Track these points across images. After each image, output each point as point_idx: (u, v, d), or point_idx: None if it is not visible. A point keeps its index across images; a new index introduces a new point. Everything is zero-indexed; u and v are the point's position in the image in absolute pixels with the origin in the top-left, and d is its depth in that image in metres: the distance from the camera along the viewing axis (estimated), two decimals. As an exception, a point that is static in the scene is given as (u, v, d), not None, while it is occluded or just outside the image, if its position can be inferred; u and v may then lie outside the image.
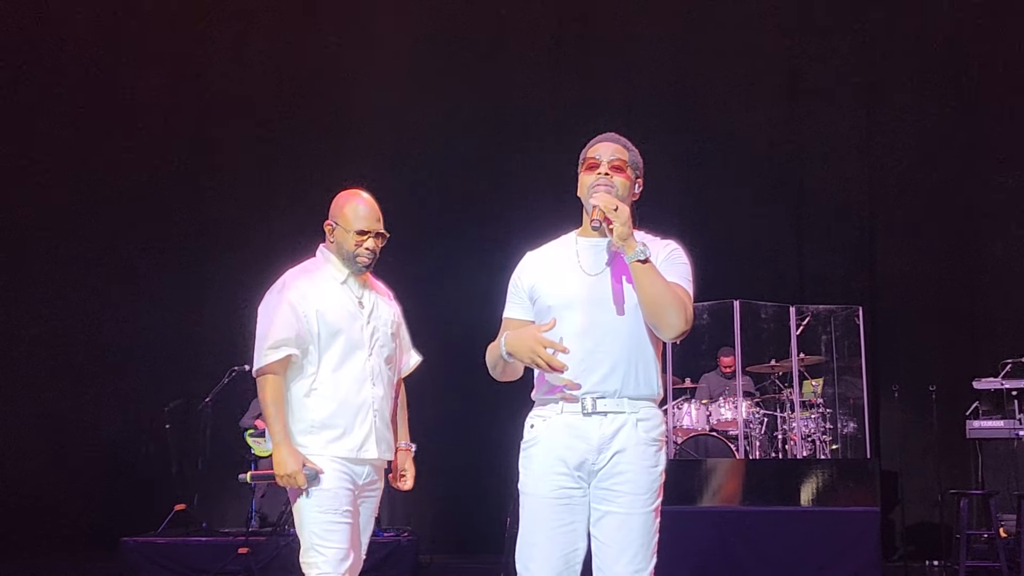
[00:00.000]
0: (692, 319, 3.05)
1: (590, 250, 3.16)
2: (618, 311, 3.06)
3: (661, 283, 3.00)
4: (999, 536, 7.34)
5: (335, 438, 3.71)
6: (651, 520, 3.06)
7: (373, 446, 3.77)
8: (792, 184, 11.01)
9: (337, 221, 3.86)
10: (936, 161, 10.47)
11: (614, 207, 3.01)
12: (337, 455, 3.70)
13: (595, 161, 3.17)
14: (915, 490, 9.74)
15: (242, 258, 11.14)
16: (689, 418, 9.61)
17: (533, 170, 10.69)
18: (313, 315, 3.74)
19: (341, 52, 11.40)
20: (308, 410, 3.72)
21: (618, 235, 2.99)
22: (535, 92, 11.20)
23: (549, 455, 3.07)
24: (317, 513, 3.64)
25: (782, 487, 8.39)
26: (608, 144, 3.22)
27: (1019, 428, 8.35)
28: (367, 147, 11.04)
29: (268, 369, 3.72)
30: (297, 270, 3.93)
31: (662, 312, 2.99)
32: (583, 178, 3.18)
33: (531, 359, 2.96)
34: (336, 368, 3.74)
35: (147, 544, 8.61)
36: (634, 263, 2.99)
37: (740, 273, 10.68)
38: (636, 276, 3.00)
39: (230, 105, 11.45)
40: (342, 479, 3.70)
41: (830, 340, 9.97)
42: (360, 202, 3.88)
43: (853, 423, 9.76)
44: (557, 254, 3.22)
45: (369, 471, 3.82)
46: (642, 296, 3.00)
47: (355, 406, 3.73)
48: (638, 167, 3.25)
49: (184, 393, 9.93)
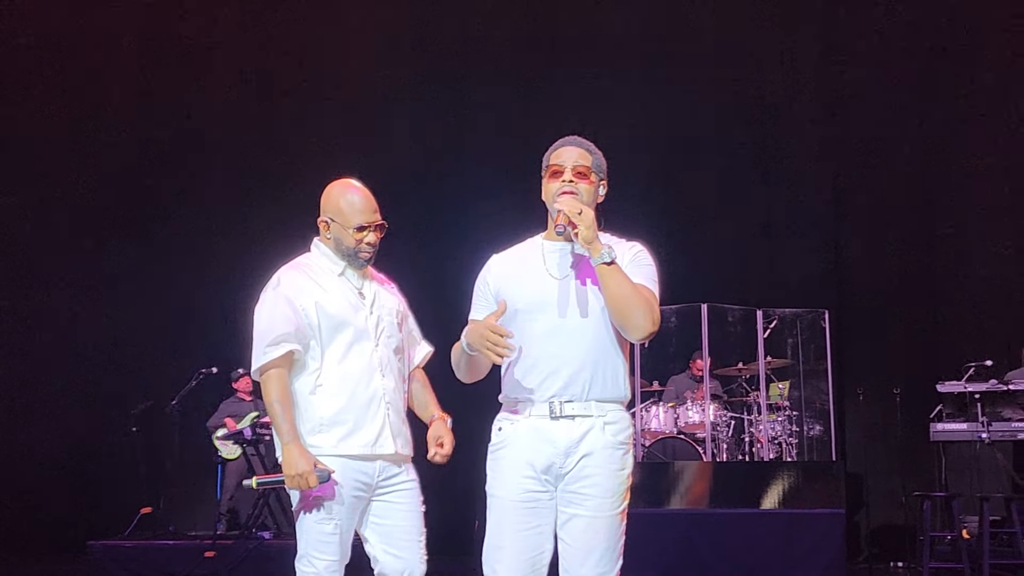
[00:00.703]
0: (659, 320, 3.07)
1: (556, 254, 3.17)
2: (585, 314, 3.08)
3: (627, 285, 3.02)
4: (962, 537, 7.42)
5: (346, 435, 3.53)
6: (617, 523, 3.08)
7: (389, 440, 3.58)
8: (759, 188, 11.09)
9: (333, 217, 3.66)
10: (901, 167, 10.58)
11: (578, 211, 3.02)
12: (350, 453, 3.52)
13: (559, 168, 3.17)
14: (880, 492, 9.82)
15: (209, 261, 11.12)
16: (657, 421, 9.66)
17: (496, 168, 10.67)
18: (312, 307, 3.57)
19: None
20: (315, 407, 3.55)
21: (583, 238, 3.01)
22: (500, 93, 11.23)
23: (517, 458, 3.08)
24: (312, 522, 3.52)
25: (749, 489, 8.44)
26: (571, 149, 3.21)
27: (982, 431, 8.46)
28: (343, 141, 11.04)
29: (271, 366, 3.53)
30: (290, 265, 3.74)
31: (629, 313, 3.01)
32: (547, 185, 3.19)
33: (481, 344, 2.97)
34: (341, 361, 3.56)
35: (114, 547, 8.55)
36: (600, 265, 3.01)
37: (707, 276, 10.75)
38: (602, 278, 3.02)
39: (198, 107, 11.38)
40: (346, 483, 3.52)
41: (796, 343, 10.05)
42: (355, 194, 3.66)
43: (819, 425, 9.85)
44: (523, 257, 3.23)
45: (383, 467, 3.60)
46: (608, 298, 3.02)
47: (365, 399, 3.55)
48: (602, 170, 3.25)
49: (151, 396, 9.86)
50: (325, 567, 3.51)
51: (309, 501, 3.51)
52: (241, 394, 10.33)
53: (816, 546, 7.68)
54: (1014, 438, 8.55)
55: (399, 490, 3.65)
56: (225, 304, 10.99)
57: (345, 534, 3.54)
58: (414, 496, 3.69)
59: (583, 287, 3.10)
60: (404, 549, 3.61)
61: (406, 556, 3.61)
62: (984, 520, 7.36)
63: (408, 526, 3.63)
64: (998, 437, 8.55)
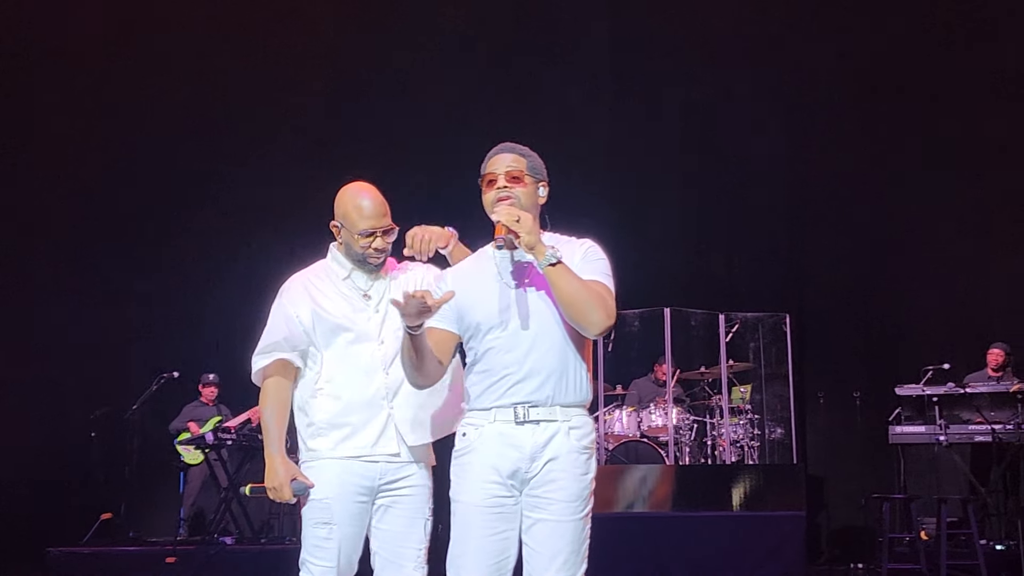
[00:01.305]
0: (614, 313, 3.07)
1: (509, 263, 3.17)
2: (544, 321, 3.09)
3: (576, 282, 3.02)
4: (920, 539, 7.51)
5: (345, 438, 3.48)
6: (582, 527, 3.08)
7: (392, 440, 3.49)
8: (721, 193, 11.18)
9: (342, 222, 3.56)
10: (861, 172, 10.71)
11: (516, 218, 3.02)
12: (348, 455, 3.47)
13: (492, 176, 3.16)
14: (840, 494, 9.92)
15: (169, 263, 11.03)
16: (620, 424, 9.69)
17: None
18: (307, 313, 3.53)
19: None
20: (315, 411, 3.52)
21: (525, 244, 3.01)
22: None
23: (482, 464, 3.08)
24: (310, 527, 3.46)
25: (711, 492, 8.50)
26: (503, 156, 3.19)
27: (940, 433, 8.57)
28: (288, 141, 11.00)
29: (264, 375, 3.55)
30: (297, 274, 3.69)
31: (582, 310, 3.01)
32: (485, 196, 3.18)
33: (407, 312, 2.90)
34: (340, 363, 3.51)
35: (73, 554, 8.45)
36: (546, 268, 3.01)
37: (670, 281, 10.83)
38: (550, 279, 3.01)
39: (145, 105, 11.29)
40: (345, 487, 3.46)
41: (758, 347, 10.13)
42: (364, 198, 3.54)
43: (780, 429, 9.93)
44: (478, 269, 3.22)
45: (387, 469, 3.50)
46: (560, 298, 3.02)
47: (365, 400, 3.49)
48: (538, 172, 3.22)
49: (111, 401, 9.76)
50: (321, 573, 3.45)
51: (307, 505, 3.47)
52: (204, 399, 10.26)
53: (777, 548, 7.74)
54: (971, 440, 8.68)
55: (402, 495, 3.54)
56: (186, 309, 10.96)
57: (345, 541, 3.46)
58: (417, 503, 3.56)
59: (539, 293, 3.10)
60: (398, 556, 3.51)
61: (401, 562, 3.51)
62: (941, 521, 7.45)
63: (405, 533, 3.52)
64: (956, 440, 8.67)
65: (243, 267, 10.34)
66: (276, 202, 10.82)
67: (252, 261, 10.15)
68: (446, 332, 3.18)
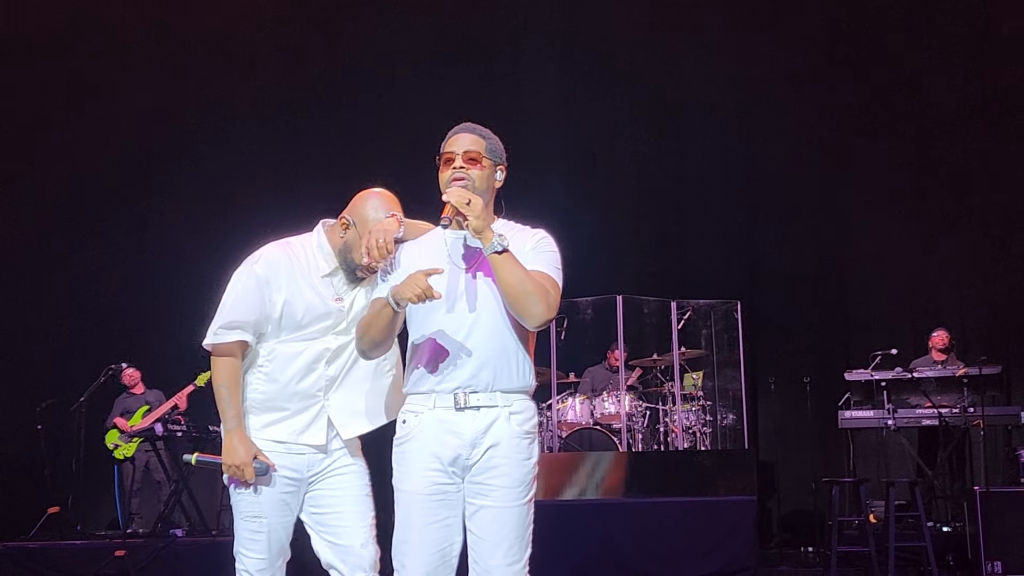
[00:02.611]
0: (556, 306, 3.05)
1: (459, 242, 3.15)
2: (489, 305, 3.07)
3: (520, 272, 3.00)
4: (869, 522, 7.58)
5: (273, 421, 3.45)
6: (525, 512, 3.07)
7: (320, 432, 3.45)
8: (674, 181, 11.23)
9: (356, 222, 3.44)
10: (811, 160, 10.81)
11: (467, 200, 2.99)
12: (272, 438, 3.44)
13: (450, 155, 3.14)
14: (791, 479, 10.02)
15: (118, 249, 10.88)
16: (573, 412, 9.70)
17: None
18: (279, 304, 3.44)
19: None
20: (250, 389, 3.47)
21: (473, 228, 2.98)
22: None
23: (422, 451, 3.06)
24: (240, 520, 3.45)
25: (664, 478, 8.54)
26: (463, 136, 3.16)
27: (888, 417, 8.69)
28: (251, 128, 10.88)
29: (223, 350, 3.43)
30: (279, 246, 3.54)
31: (523, 301, 2.99)
32: (440, 174, 3.15)
33: (413, 293, 2.92)
34: (287, 350, 3.46)
35: (18, 549, 8.31)
36: (491, 255, 2.99)
37: (623, 269, 10.86)
38: (495, 267, 3.00)
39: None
40: (272, 480, 3.42)
41: (710, 334, 10.17)
42: (382, 205, 3.42)
43: (732, 415, 9.99)
44: (428, 247, 3.20)
45: (314, 460, 3.48)
46: (502, 286, 3.00)
47: (300, 391, 3.45)
48: (497, 155, 3.19)
49: (57, 392, 9.59)
50: (253, 564, 3.45)
51: (237, 498, 3.44)
52: (130, 388, 10.01)
53: (729, 532, 7.79)
54: (919, 424, 8.80)
55: (334, 476, 3.50)
56: (132, 299, 10.81)
57: (275, 532, 3.45)
58: (355, 480, 3.52)
59: (487, 279, 3.08)
60: (343, 535, 3.45)
61: (345, 542, 3.45)
62: (890, 504, 7.54)
63: (346, 511, 3.47)
64: (903, 424, 8.79)
65: (189, 255, 10.22)
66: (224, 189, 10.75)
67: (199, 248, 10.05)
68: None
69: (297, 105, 11.22)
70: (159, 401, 9.62)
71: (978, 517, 7.36)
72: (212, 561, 8.10)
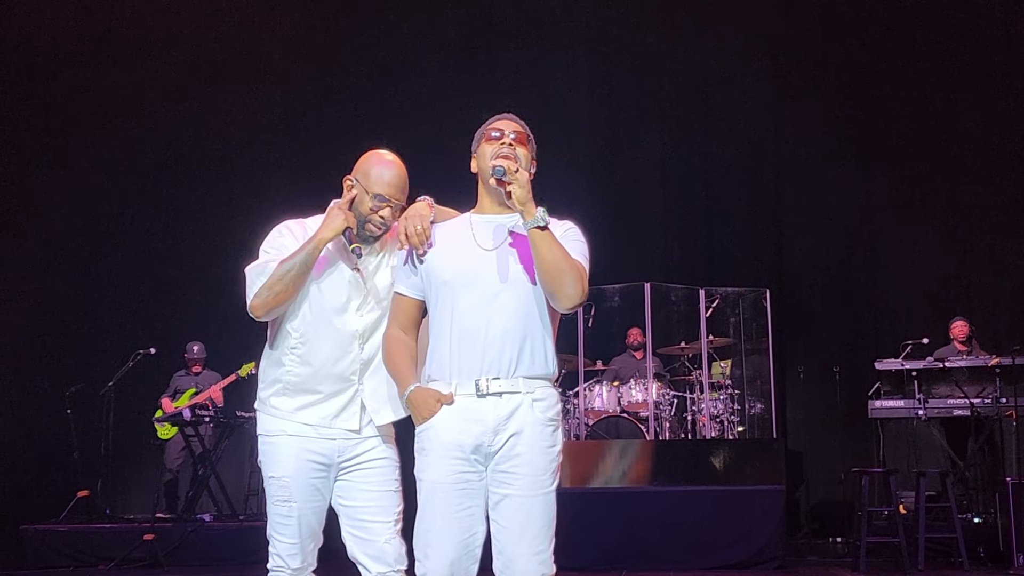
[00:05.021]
0: (587, 292, 3.03)
1: (485, 226, 3.12)
2: (514, 288, 3.03)
3: (559, 250, 2.97)
4: (899, 513, 7.53)
5: (307, 404, 3.43)
6: (550, 501, 3.03)
7: (354, 416, 3.44)
8: (702, 168, 11.16)
9: (359, 178, 3.46)
10: (841, 148, 10.71)
11: (515, 169, 2.98)
12: (306, 422, 3.43)
13: (499, 131, 3.14)
14: (819, 469, 9.96)
15: (147, 236, 10.94)
16: (600, 400, 9.67)
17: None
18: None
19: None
20: (285, 370, 3.46)
21: (517, 198, 2.95)
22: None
23: (444, 440, 3.02)
24: (272, 504, 3.45)
25: (691, 467, 8.51)
26: (509, 121, 3.19)
27: (918, 407, 8.60)
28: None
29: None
30: (296, 221, 3.57)
31: (560, 279, 2.96)
32: (484, 148, 3.13)
33: (430, 412, 3.03)
34: (317, 329, 3.43)
35: (48, 531, 8.39)
36: (532, 230, 2.96)
37: (650, 255, 10.81)
38: (534, 242, 2.96)
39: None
40: (302, 464, 3.42)
41: (738, 322, 10.11)
42: (388, 168, 3.45)
43: (760, 404, 9.93)
44: (452, 231, 3.17)
45: (345, 446, 3.45)
46: (540, 263, 2.97)
47: (335, 373, 3.43)
48: (534, 147, 3.21)
49: (86, 377, 9.67)
50: (284, 548, 3.45)
51: (269, 483, 3.45)
52: (192, 368, 10.06)
53: (757, 522, 7.76)
54: (950, 414, 8.71)
55: (363, 468, 3.47)
56: (160, 284, 10.87)
57: (305, 516, 3.43)
58: (384, 474, 3.47)
59: (512, 260, 3.05)
60: (369, 531, 3.43)
61: (369, 537, 3.42)
62: (920, 495, 7.49)
63: (373, 507, 3.44)
64: (934, 414, 8.71)
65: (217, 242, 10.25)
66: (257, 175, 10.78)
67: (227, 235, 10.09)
68: (413, 300, 3.19)
69: (324, 99, 11.21)
70: (209, 384, 9.67)
71: (1010, 508, 7.28)
72: (239, 546, 8.18)
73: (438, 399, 3.04)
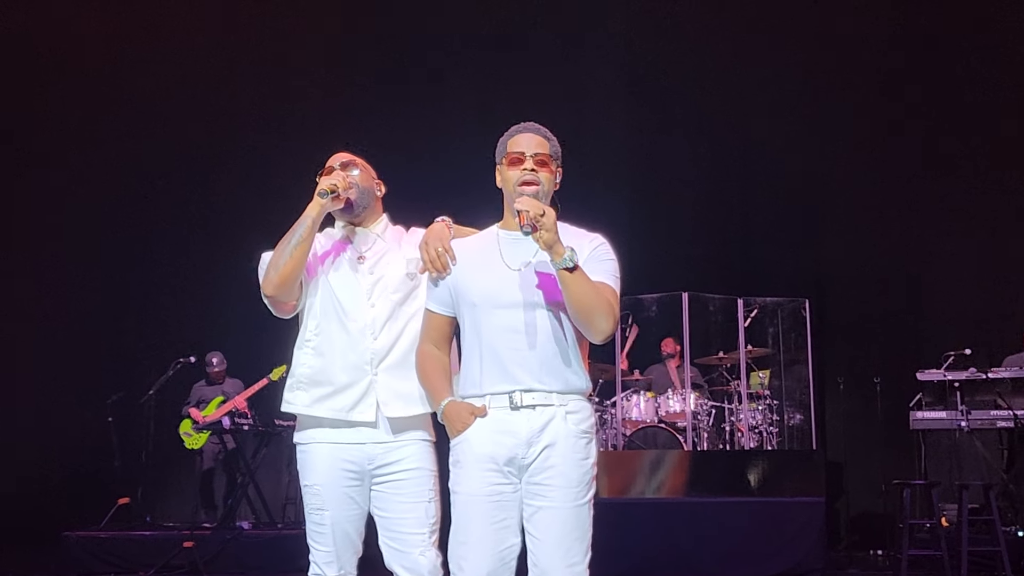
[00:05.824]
0: (618, 320, 3.06)
1: (513, 244, 3.11)
2: (543, 306, 3.04)
3: (590, 289, 2.96)
4: (941, 525, 7.44)
5: (323, 396, 3.44)
6: (585, 513, 3.03)
7: (370, 408, 3.43)
8: (741, 178, 11.11)
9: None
10: (882, 158, 10.61)
11: (541, 212, 2.93)
12: (323, 414, 3.44)
13: (519, 156, 3.10)
14: (860, 480, 9.86)
15: (184, 249, 11.04)
16: (638, 410, 9.64)
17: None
18: (311, 260, 3.52)
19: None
20: (298, 364, 3.50)
21: (545, 242, 2.93)
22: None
23: (478, 453, 3.03)
24: (307, 512, 3.49)
25: (729, 478, 8.46)
26: (530, 136, 3.14)
27: (961, 419, 8.48)
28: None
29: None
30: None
31: (591, 316, 2.97)
32: (507, 173, 3.12)
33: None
34: (329, 321, 3.47)
35: (89, 538, 8.48)
36: (561, 271, 2.94)
37: (689, 265, 10.76)
38: (564, 282, 2.95)
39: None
40: (334, 473, 3.44)
41: (777, 332, 10.05)
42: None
43: (799, 414, 9.86)
44: (480, 247, 3.17)
45: (375, 453, 3.45)
46: (571, 302, 2.96)
47: (349, 363, 3.44)
48: (558, 156, 3.18)
49: (127, 385, 9.77)
50: (320, 557, 3.47)
51: (305, 492, 3.49)
52: (211, 377, 10.10)
53: (796, 534, 7.70)
54: (993, 426, 8.58)
55: (397, 479, 3.46)
56: (201, 293, 10.96)
57: (339, 525, 3.45)
58: (417, 485, 3.46)
59: (541, 278, 3.05)
60: (403, 541, 3.44)
61: (403, 548, 3.44)
62: (963, 508, 7.38)
63: (407, 518, 3.44)
64: (977, 426, 8.58)
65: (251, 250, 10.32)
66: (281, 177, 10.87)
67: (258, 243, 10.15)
68: (444, 317, 3.20)
69: (352, 103, 11.26)
70: (236, 391, 9.70)
71: (1055, 522, 7.16)
72: (277, 553, 8.22)
73: (472, 412, 3.05)
